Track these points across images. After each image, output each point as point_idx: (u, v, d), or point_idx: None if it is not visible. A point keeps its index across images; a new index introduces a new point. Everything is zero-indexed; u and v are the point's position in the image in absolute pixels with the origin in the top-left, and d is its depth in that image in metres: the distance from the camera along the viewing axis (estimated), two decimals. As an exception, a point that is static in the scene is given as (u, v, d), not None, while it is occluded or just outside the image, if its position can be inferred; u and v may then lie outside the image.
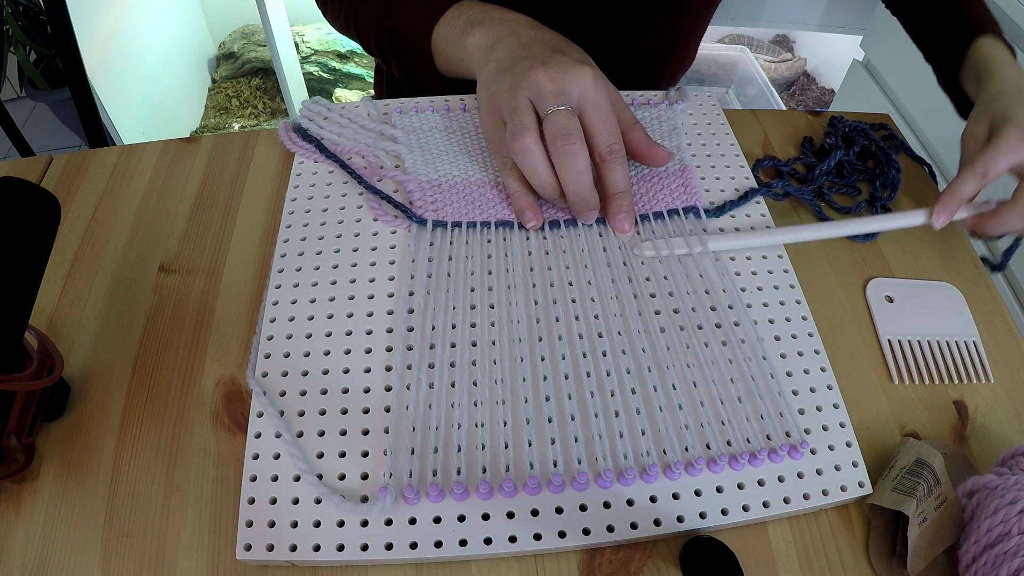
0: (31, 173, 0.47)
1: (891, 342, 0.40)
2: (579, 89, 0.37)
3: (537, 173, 0.38)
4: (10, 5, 1.26)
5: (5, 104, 1.06)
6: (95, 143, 0.98)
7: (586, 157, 0.37)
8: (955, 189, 0.40)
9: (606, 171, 0.39)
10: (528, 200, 0.41)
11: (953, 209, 0.40)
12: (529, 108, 0.37)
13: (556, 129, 0.36)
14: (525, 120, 0.37)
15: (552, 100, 0.37)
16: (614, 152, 0.39)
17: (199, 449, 0.34)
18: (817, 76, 1.82)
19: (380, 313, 0.37)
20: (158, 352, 0.37)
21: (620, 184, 0.40)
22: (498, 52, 0.40)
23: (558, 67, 0.37)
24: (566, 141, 0.36)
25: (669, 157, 0.42)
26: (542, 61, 0.37)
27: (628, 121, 0.41)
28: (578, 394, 0.34)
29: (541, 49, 0.39)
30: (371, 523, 0.30)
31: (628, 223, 0.40)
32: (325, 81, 1.71)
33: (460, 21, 0.43)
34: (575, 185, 0.38)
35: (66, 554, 0.31)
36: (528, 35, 0.41)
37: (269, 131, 0.49)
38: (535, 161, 0.38)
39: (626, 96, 0.51)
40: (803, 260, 0.43)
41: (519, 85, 0.37)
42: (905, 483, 0.31)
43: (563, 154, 0.37)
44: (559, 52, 0.39)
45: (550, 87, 0.37)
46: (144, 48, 1.46)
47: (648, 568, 0.31)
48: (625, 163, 0.40)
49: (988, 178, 0.39)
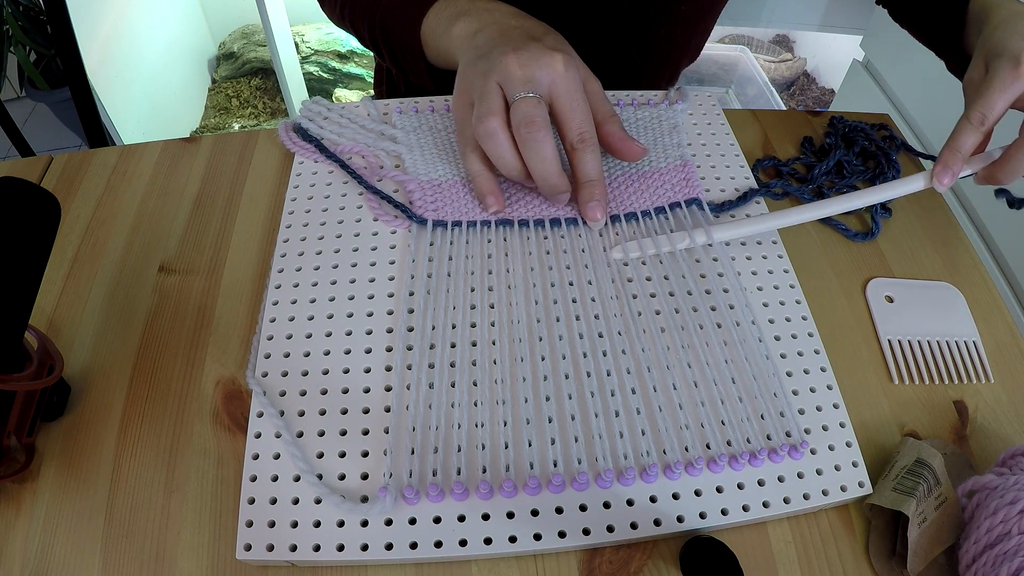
0: (31, 173, 0.47)
1: (891, 342, 0.40)
2: (549, 76, 0.37)
3: (502, 157, 0.38)
4: (10, 5, 1.26)
5: (5, 104, 1.06)
6: (95, 143, 0.98)
7: (551, 144, 0.37)
8: (953, 143, 0.37)
9: (576, 159, 0.39)
10: (490, 185, 0.41)
11: (956, 167, 0.37)
12: (498, 93, 0.37)
13: (521, 116, 0.36)
14: (492, 104, 0.37)
15: (520, 87, 0.37)
16: (585, 140, 0.38)
17: (199, 449, 0.34)
18: (817, 76, 1.82)
19: (380, 313, 0.37)
20: (158, 352, 0.37)
21: (591, 172, 0.39)
22: (478, 40, 0.40)
23: (529, 54, 0.37)
24: (531, 129, 0.36)
25: (644, 152, 0.42)
26: (514, 48, 0.37)
27: (604, 113, 0.41)
28: (578, 394, 0.34)
29: (518, 36, 0.39)
30: (371, 523, 0.30)
31: (600, 211, 0.40)
32: (325, 81, 1.71)
33: (447, 12, 0.43)
34: (542, 172, 0.38)
35: (66, 554, 0.31)
36: (509, 24, 0.41)
37: (269, 131, 0.49)
38: (500, 145, 0.37)
39: (626, 96, 0.51)
40: (803, 260, 0.43)
41: (490, 70, 0.37)
42: (905, 483, 0.31)
43: (528, 141, 0.37)
44: (534, 39, 0.39)
45: (519, 74, 0.37)
46: (144, 48, 1.46)
47: (648, 568, 0.31)
48: (597, 151, 0.39)
49: (988, 124, 0.36)
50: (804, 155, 0.51)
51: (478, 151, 0.40)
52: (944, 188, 0.38)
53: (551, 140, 0.37)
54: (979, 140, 0.37)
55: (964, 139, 0.36)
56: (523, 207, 0.42)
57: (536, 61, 0.37)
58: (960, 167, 0.37)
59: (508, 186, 0.43)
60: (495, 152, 0.38)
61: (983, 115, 0.36)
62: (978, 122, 0.36)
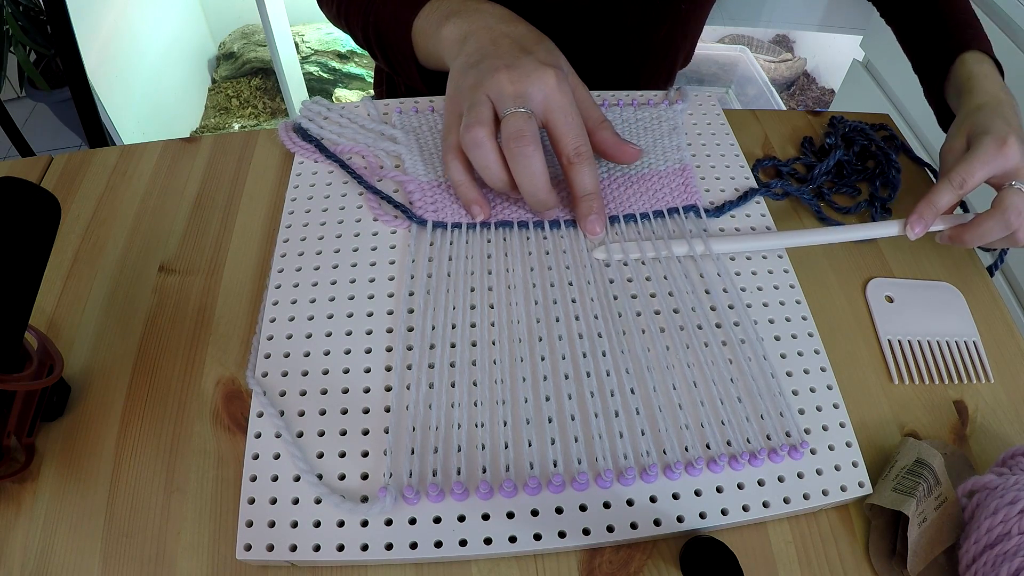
0: (31, 173, 0.47)
1: (891, 342, 0.40)
2: (542, 93, 0.37)
3: (488, 168, 0.38)
4: (10, 5, 1.26)
5: (5, 104, 1.06)
6: (95, 143, 0.98)
7: (541, 159, 0.37)
8: (931, 199, 0.39)
9: (573, 174, 0.39)
10: (474, 193, 0.40)
11: (929, 219, 0.40)
12: (488, 105, 0.37)
13: (511, 131, 0.36)
14: (481, 115, 0.37)
15: (511, 103, 0.37)
16: (581, 154, 0.38)
17: (199, 449, 0.34)
18: (817, 76, 1.82)
19: (380, 313, 0.37)
20: (158, 352, 0.37)
21: (588, 186, 0.39)
22: (468, 46, 0.40)
23: (521, 70, 0.37)
24: (520, 143, 0.36)
25: (639, 154, 0.42)
26: (507, 64, 0.37)
27: (595, 120, 0.41)
28: (578, 394, 0.34)
29: (508, 47, 0.39)
30: (371, 523, 0.30)
31: (599, 225, 0.40)
32: (325, 81, 1.71)
33: (438, 13, 0.43)
34: (531, 187, 0.38)
35: (66, 554, 0.31)
36: (499, 30, 0.40)
37: (269, 131, 0.49)
38: (487, 155, 0.37)
39: (626, 96, 0.51)
40: (803, 260, 0.43)
41: (481, 84, 0.37)
42: (905, 483, 0.31)
43: (517, 156, 0.36)
44: (526, 52, 0.38)
45: (510, 89, 0.37)
46: (144, 48, 1.46)
47: (648, 568, 0.31)
48: (593, 165, 0.39)
49: (965, 188, 0.39)
50: (804, 155, 0.51)
51: (461, 159, 0.40)
52: (915, 237, 0.40)
53: (540, 155, 0.37)
54: (954, 201, 0.40)
55: (942, 196, 0.39)
56: (523, 208, 0.42)
57: (528, 77, 0.37)
58: (932, 220, 0.40)
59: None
60: (481, 162, 0.38)
61: (963, 179, 0.39)
62: (957, 184, 0.39)
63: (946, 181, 0.39)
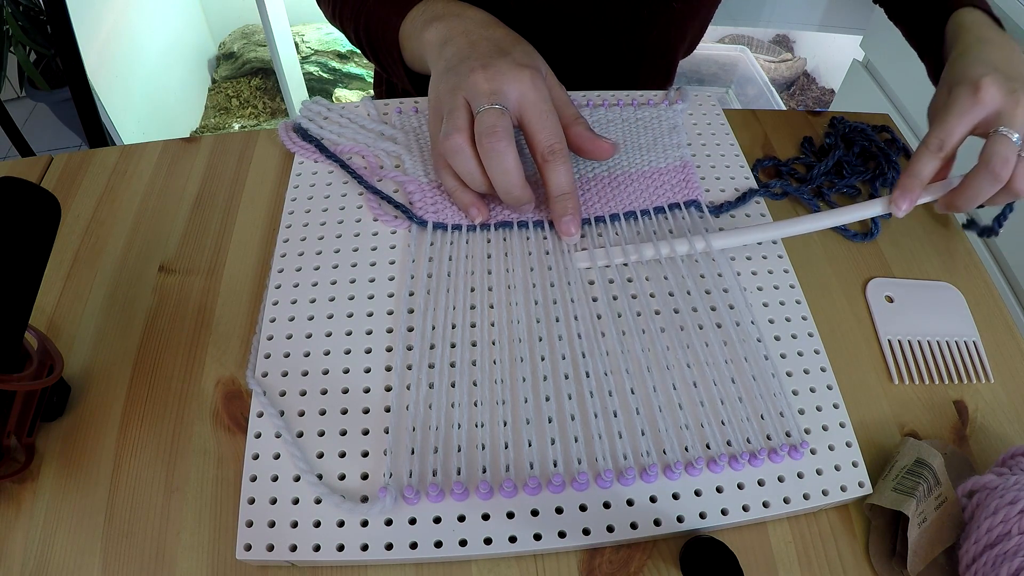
0: (31, 173, 0.47)
1: (891, 342, 0.40)
2: (517, 91, 0.37)
3: (469, 173, 0.38)
4: (10, 5, 1.26)
5: (5, 104, 1.06)
6: (95, 143, 0.98)
7: (513, 154, 0.36)
8: (912, 170, 0.37)
9: (548, 172, 0.38)
10: (469, 197, 0.40)
11: (914, 193, 0.37)
12: (464, 108, 0.37)
13: (483, 127, 0.36)
14: (458, 121, 0.37)
15: (485, 100, 0.36)
16: (555, 152, 0.38)
17: (199, 449, 0.34)
18: (817, 76, 1.82)
19: (380, 313, 0.37)
20: (158, 352, 0.37)
21: (563, 185, 0.39)
22: (448, 51, 0.40)
23: (496, 69, 0.37)
24: (492, 139, 0.36)
25: (614, 149, 0.41)
26: (482, 64, 0.37)
27: (570, 116, 0.40)
28: (578, 394, 0.34)
29: (486, 49, 0.39)
30: (371, 523, 0.30)
31: (574, 226, 0.39)
32: (325, 81, 1.71)
33: (422, 16, 0.43)
34: (503, 183, 0.37)
35: (66, 554, 0.31)
36: (478, 34, 0.40)
37: (269, 131, 0.49)
38: (466, 161, 0.37)
39: (626, 96, 0.51)
40: (803, 260, 0.43)
41: (459, 86, 0.37)
42: (905, 483, 0.31)
43: (489, 152, 0.36)
44: (503, 53, 0.38)
45: (485, 88, 0.37)
46: (144, 48, 1.46)
47: (648, 568, 0.31)
48: (568, 163, 0.39)
49: (946, 149, 0.36)
50: (804, 155, 0.51)
51: (449, 167, 0.40)
52: (902, 214, 0.38)
53: (513, 151, 0.36)
54: (938, 166, 0.37)
55: (923, 165, 0.37)
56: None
57: (503, 75, 0.37)
58: (918, 193, 0.37)
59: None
60: (462, 168, 0.38)
61: (941, 141, 0.36)
62: (936, 148, 0.36)
63: (924, 147, 0.36)
